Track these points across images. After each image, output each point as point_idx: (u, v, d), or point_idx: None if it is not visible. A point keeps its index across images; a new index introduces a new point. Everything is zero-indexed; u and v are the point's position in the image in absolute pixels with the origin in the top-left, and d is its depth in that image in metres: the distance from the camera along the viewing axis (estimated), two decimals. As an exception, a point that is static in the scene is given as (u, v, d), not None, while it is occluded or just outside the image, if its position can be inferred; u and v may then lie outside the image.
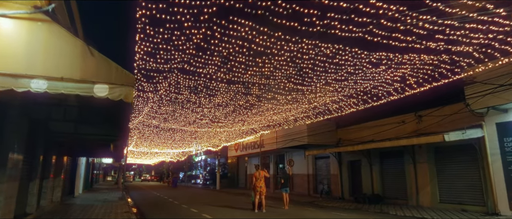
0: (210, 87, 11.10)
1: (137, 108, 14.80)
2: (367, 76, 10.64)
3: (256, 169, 14.34)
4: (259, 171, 14.18)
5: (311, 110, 15.99)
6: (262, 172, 14.18)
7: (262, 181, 13.92)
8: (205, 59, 8.74)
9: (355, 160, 20.08)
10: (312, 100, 13.58)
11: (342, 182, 20.86)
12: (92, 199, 18.91)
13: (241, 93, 11.93)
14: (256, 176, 14.04)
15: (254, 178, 14.07)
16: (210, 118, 17.56)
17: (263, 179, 13.99)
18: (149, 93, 12.05)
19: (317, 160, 23.79)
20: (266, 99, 12.78)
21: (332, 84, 11.06)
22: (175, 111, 15.91)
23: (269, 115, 17.06)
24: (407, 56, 9.11)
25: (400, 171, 17.09)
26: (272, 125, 21.39)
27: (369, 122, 19.07)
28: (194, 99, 13.00)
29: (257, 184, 13.83)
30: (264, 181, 14.03)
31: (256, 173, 14.12)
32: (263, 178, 14.00)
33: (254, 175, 14.11)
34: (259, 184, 13.84)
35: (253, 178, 14.12)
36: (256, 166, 14.71)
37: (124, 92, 5.01)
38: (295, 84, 10.75)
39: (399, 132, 16.89)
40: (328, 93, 12.58)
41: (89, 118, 11.25)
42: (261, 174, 14.08)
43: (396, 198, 17.16)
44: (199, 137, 27.80)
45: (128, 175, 77.98)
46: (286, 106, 14.40)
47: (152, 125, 21.97)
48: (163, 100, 13.66)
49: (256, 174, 14.10)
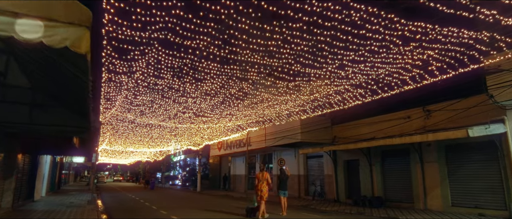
0: (199, 68, 9.04)
1: (109, 97, 12.52)
2: (388, 57, 8.90)
3: (260, 170, 12.47)
4: (262, 172, 12.27)
5: (310, 102, 14.17)
6: (265, 173, 12.25)
7: (264, 183, 11.98)
8: (195, 25, 6.69)
9: (353, 160, 18.45)
10: (315, 90, 11.76)
11: (337, 183, 19.19)
12: (56, 203, 16.36)
13: (235, 78, 9.94)
14: (258, 177, 12.18)
15: (256, 180, 12.22)
16: (194, 111, 15.44)
17: (266, 182, 12.04)
18: (122, 76, 9.85)
19: (309, 159, 22.05)
20: (264, 87, 10.85)
21: (346, 67, 9.26)
22: (154, 101, 13.71)
23: (262, 108, 15.13)
24: (445, 31, 7.41)
25: (405, 172, 15.57)
26: (261, 121, 19.47)
27: (368, 118, 17.50)
28: (177, 85, 10.88)
29: (260, 187, 11.91)
30: (268, 185, 12.08)
31: (259, 174, 12.28)
32: (266, 180, 12.05)
33: (257, 176, 12.26)
34: (261, 187, 11.91)
35: (256, 180, 12.25)
36: (260, 166, 12.84)
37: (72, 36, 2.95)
38: (304, 66, 8.86)
39: (404, 129, 15.36)
40: (336, 81, 10.79)
41: (45, 104, 9.01)
42: (264, 175, 12.14)
43: (399, 201, 15.61)
44: (179, 134, 25.51)
45: (101, 176, 74.21)
46: (284, 97, 12.52)
47: (127, 120, 19.58)
48: (139, 87, 11.47)
49: (259, 175, 12.26)
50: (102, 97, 12.53)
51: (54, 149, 16.56)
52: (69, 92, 7.74)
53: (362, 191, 17.42)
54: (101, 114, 16.71)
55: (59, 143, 12.36)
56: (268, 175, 12.29)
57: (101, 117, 17.64)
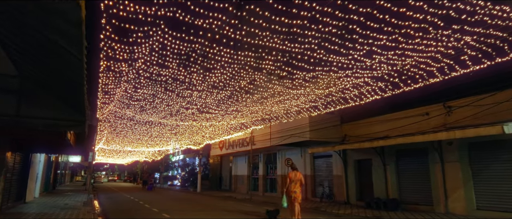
0: (209, 54, 8.03)
1: (108, 90, 11.49)
2: (422, 43, 7.94)
3: (292, 168, 11.23)
4: (295, 172, 11.04)
5: (323, 97, 13.20)
6: (299, 173, 11.12)
7: (297, 185, 10.85)
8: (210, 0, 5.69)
9: (364, 159, 17.49)
10: (333, 82, 10.78)
11: (347, 184, 18.22)
12: (49, 204, 15.29)
13: (248, 67, 8.94)
14: (291, 177, 10.87)
15: (288, 180, 10.90)
16: (198, 106, 14.42)
17: (299, 182, 10.92)
18: (123, 64, 8.83)
19: (316, 159, 21.08)
20: (278, 78, 9.86)
21: (374, 54, 8.28)
22: (156, 96, 12.69)
23: (271, 104, 14.14)
24: (496, 10, 6.45)
25: (423, 172, 14.62)
26: (268, 118, 18.48)
27: (381, 116, 16.55)
28: (183, 76, 9.86)
29: (292, 188, 10.71)
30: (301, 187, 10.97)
31: (291, 173, 10.98)
32: (299, 181, 10.93)
33: (289, 176, 10.94)
34: (294, 188, 10.71)
35: (287, 180, 10.95)
36: (290, 164, 11.56)
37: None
38: (328, 53, 7.87)
39: (421, 127, 14.42)
40: (359, 72, 9.82)
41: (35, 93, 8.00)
42: (298, 175, 11.00)
43: (416, 204, 14.66)
44: (180, 133, 24.46)
45: (98, 175, 73.04)
46: (297, 91, 11.53)
47: (125, 117, 18.54)
48: (140, 78, 10.46)
49: (291, 174, 10.94)
50: (99, 90, 11.51)
51: (48, 147, 15.52)
52: (62, 79, 6.73)
53: (375, 192, 16.45)
54: (98, 110, 15.67)
55: (53, 140, 11.30)
56: (301, 175, 11.17)
57: (99, 113, 16.60)
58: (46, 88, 7.93)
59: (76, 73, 5.48)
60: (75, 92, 6.70)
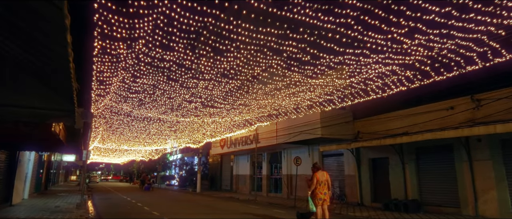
0: (224, 32, 6.76)
1: (103, 79, 10.18)
2: (473, 21, 6.74)
3: (317, 168, 9.85)
4: (322, 171, 9.75)
5: (342, 89, 11.98)
6: (325, 173, 9.84)
7: (326, 186, 9.58)
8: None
9: (380, 158, 16.31)
10: (358, 70, 9.58)
11: (361, 184, 17.03)
12: (38, 207, 13.94)
13: (267, 50, 7.68)
14: (318, 178, 9.53)
15: (315, 180, 9.53)
16: (203, 99, 13.15)
17: (327, 184, 9.64)
18: (121, 45, 7.54)
19: (326, 158, 19.88)
20: (300, 64, 8.62)
21: (416, 34, 7.08)
22: (157, 86, 11.39)
23: (283, 97, 12.90)
24: None
25: (447, 171, 13.46)
26: (275, 114, 17.24)
27: (400, 111, 15.38)
28: (189, 61, 8.59)
29: (321, 190, 9.44)
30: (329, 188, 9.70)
31: (319, 174, 9.62)
32: (327, 182, 9.65)
33: (315, 177, 9.57)
34: (323, 189, 9.47)
35: (313, 180, 9.57)
36: (315, 164, 10.09)
37: None
38: (367, 29, 6.64)
39: (445, 122, 13.27)
40: (391, 57, 8.61)
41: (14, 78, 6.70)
42: (325, 176, 9.72)
43: (439, 205, 13.50)
44: (180, 130, 23.13)
45: (94, 175, 71.44)
46: (317, 80, 10.31)
47: (122, 112, 17.20)
48: (140, 65, 9.17)
49: (318, 175, 9.59)
50: (94, 79, 10.19)
51: (37, 144, 14.13)
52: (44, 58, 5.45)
53: (392, 193, 15.28)
54: (93, 103, 14.33)
55: (42, 135, 9.98)
56: (328, 175, 9.89)
57: (93, 107, 15.24)
58: (27, 70, 6.63)
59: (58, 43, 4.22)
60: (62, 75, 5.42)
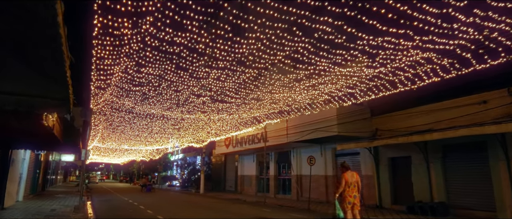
0: (248, 4, 5.61)
1: (103, 67, 9.03)
2: None
3: (345, 168, 8.76)
4: (351, 172, 8.64)
5: (367, 81, 10.86)
6: (355, 174, 8.72)
7: (355, 189, 8.45)
8: None
9: (401, 157, 15.17)
10: (392, 57, 8.46)
11: (379, 185, 15.90)
12: (32, 211, 12.80)
13: (298, 28, 6.55)
14: (347, 179, 8.45)
15: (343, 181, 8.46)
16: (213, 92, 12.02)
17: (357, 186, 8.51)
18: (125, 22, 6.40)
19: (339, 157, 18.73)
20: (332, 47, 7.48)
21: (476, 6, 5.96)
22: (163, 77, 10.25)
23: (300, 90, 11.78)
24: None
25: (480, 171, 12.35)
26: (287, 111, 16.10)
27: (422, 106, 14.25)
28: (203, 44, 7.44)
29: (350, 193, 8.34)
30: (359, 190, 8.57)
31: (348, 174, 8.54)
32: (357, 183, 8.52)
33: (344, 178, 8.50)
34: (353, 192, 8.35)
35: (342, 181, 8.49)
36: (343, 164, 8.97)
37: None
38: (399, 16, 5.50)
39: (476, 118, 12.16)
40: (433, 41, 7.50)
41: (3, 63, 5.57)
42: (355, 177, 8.59)
43: (470, 208, 12.38)
44: (184, 128, 21.97)
45: (93, 175, 70.33)
46: (345, 68, 9.19)
47: (123, 108, 16.06)
48: (146, 50, 8.03)
49: (346, 175, 8.51)
50: (93, 67, 9.04)
51: (31, 141, 12.97)
52: (23, 25, 4.32)
53: (416, 195, 14.16)
54: (92, 98, 13.18)
55: (33, 130, 8.83)
56: (358, 176, 8.76)
57: (92, 103, 14.09)
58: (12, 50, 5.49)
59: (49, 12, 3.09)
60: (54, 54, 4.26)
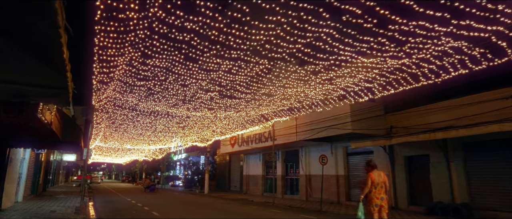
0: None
1: (106, 58, 8.35)
2: None
3: (371, 167, 7.91)
4: (378, 171, 7.84)
5: (388, 74, 10.15)
6: (382, 173, 7.92)
7: (383, 190, 7.70)
8: None
9: (418, 155, 14.44)
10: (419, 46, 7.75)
11: (395, 185, 15.18)
12: (32, 212, 12.14)
13: (325, 10, 5.85)
14: (374, 179, 7.64)
15: (369, 181, 7.63)
16: (222, 87, 11.33)
17: (385, 186, 7.74)
18: (131, 4, 5.71)
19: (350, 156, 18.02)
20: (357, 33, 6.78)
21: None
22: (170, 70, 9.57)
23: (316, 84, 11.08)
24: None
25: (506, 170, 11.62)
26: (297, 108, 15.40)
27: (442, 102, 13.53)
28: (217, 29, 6.76)
29: (377, 194, 7.55)
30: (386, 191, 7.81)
31: (374, 174, 7.74)
32: (384, 184, 7.74)
33: (370, 177, 7.67)
34: (380, 194, 7.57)
35: (368, 181, 7.66)
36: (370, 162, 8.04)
37: None
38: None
39: (503, 114, 11.41)
40: (469, 27, 6.78)
41: None
42: (382, 177, 7.82)
43: (495, 210, 11.65)
44: (189, 127, 21.30)
45: (95, 175, 69.75)
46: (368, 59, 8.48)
47: (127, 105, 15.38)
48: (153, 38, 7.35)
49: (373, 175, 7.69)
50: (95, 58, 8.36)
51: (28, 139, 12.31)
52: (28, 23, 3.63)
53: (435, 196, 13.43)
54: (94, 93, 12.51)
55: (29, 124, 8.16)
56: (386, 176, 7.95)
57: (94, 99, 13.43)
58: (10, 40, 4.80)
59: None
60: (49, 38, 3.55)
